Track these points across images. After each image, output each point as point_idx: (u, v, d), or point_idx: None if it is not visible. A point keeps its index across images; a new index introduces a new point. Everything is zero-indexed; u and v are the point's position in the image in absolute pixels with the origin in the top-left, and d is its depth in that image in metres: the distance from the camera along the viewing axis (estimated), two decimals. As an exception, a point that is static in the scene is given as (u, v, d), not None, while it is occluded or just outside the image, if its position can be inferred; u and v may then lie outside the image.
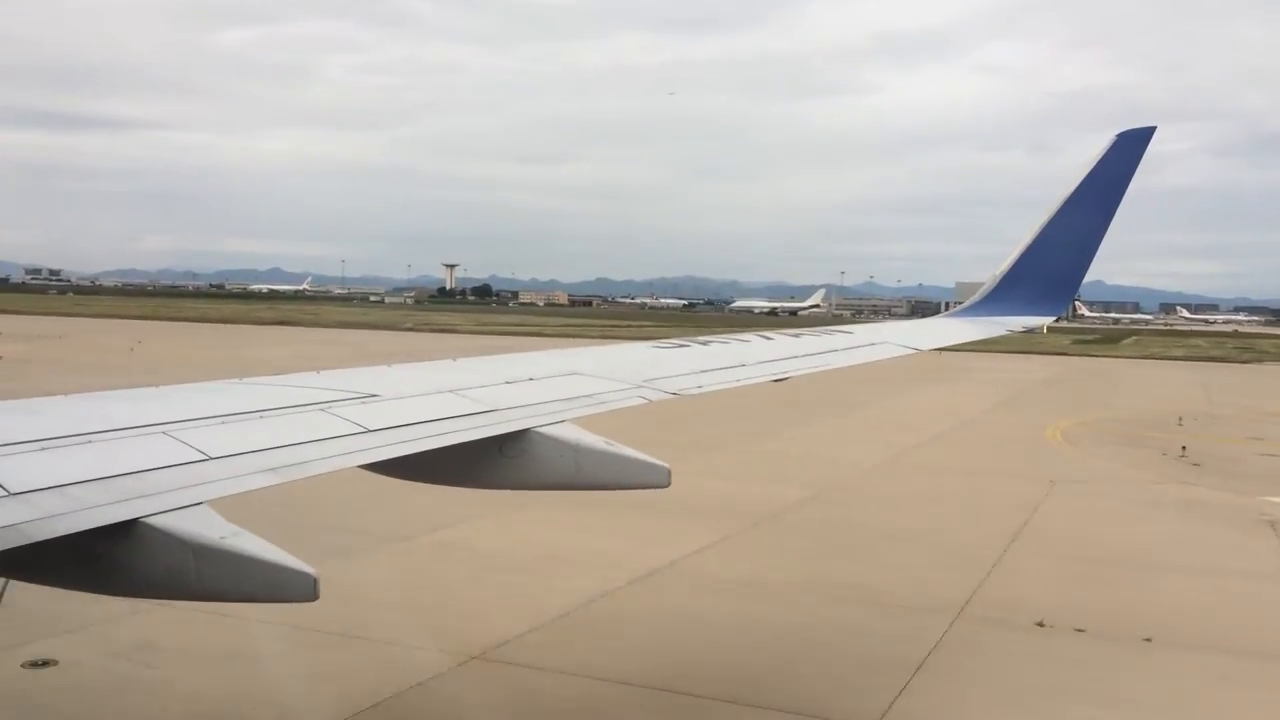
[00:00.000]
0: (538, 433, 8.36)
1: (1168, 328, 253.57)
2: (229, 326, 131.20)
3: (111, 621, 16.40)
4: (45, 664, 14.81)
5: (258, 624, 16.64)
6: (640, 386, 9.93)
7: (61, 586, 5.75)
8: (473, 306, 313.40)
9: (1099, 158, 15.37)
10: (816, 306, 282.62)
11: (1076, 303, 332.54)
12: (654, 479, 8.42)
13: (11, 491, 5.28)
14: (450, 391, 8.80)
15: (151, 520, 5.60)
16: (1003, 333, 16.12)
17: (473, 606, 18.61)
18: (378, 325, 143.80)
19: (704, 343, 12.47)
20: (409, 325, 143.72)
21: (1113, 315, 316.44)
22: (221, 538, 5.72)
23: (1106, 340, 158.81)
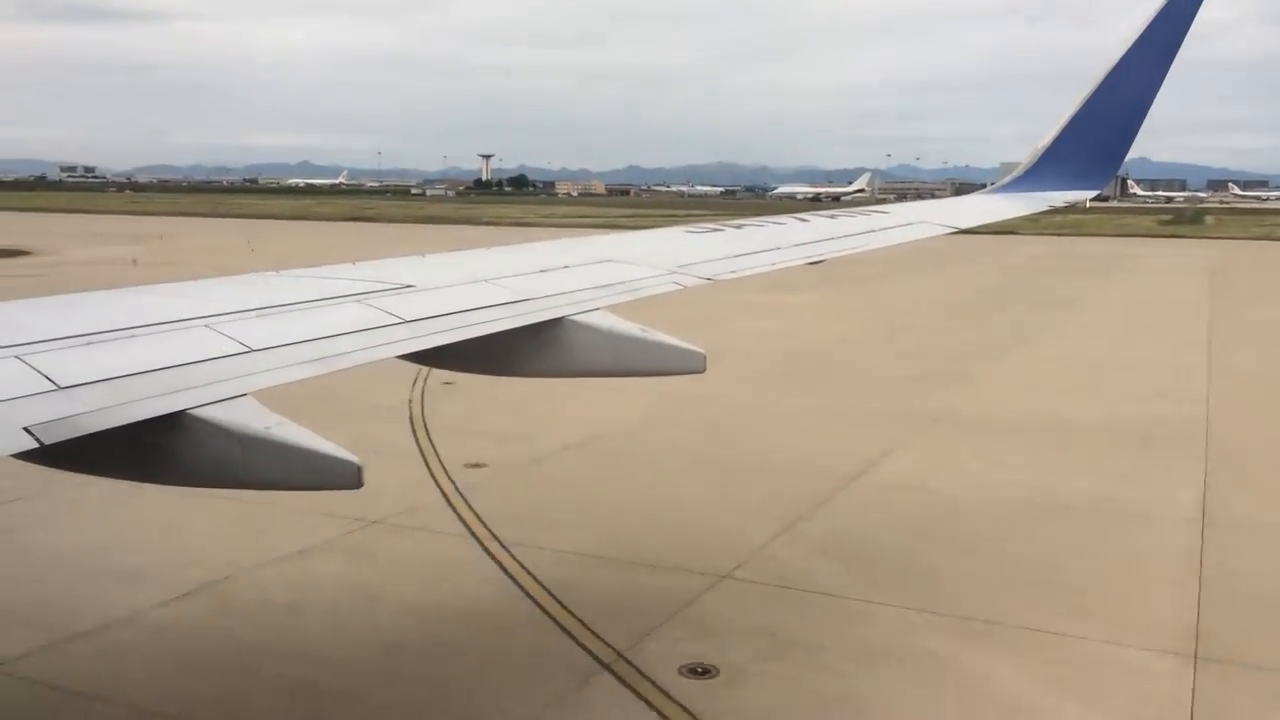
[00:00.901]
0: (572, 320, 8.41)
1: (1225, 205, 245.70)
2: (309, 224, 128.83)
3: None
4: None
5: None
6: (674, 272, 9.92)
7: (113, 477, 5.94)
8: (513, 197, 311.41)
9: (1148, 22, 14.77)
10: (861, 191, 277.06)
11: (1128, 180, 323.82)
12: (690, 364, 8.47)
13: (61, 385, 5.42)
14: (485, 281, 8.84)
15: (198, 411, 5.75)
16: (1044, 208, 15.79)
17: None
18: (453, 219, 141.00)
19: (738, 226, 12.36)
20: (486, 220, 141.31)
21: (1163, 193, 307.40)
22: (266, 428, 5.86)
23: (1189, 220, 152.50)
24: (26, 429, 4.97)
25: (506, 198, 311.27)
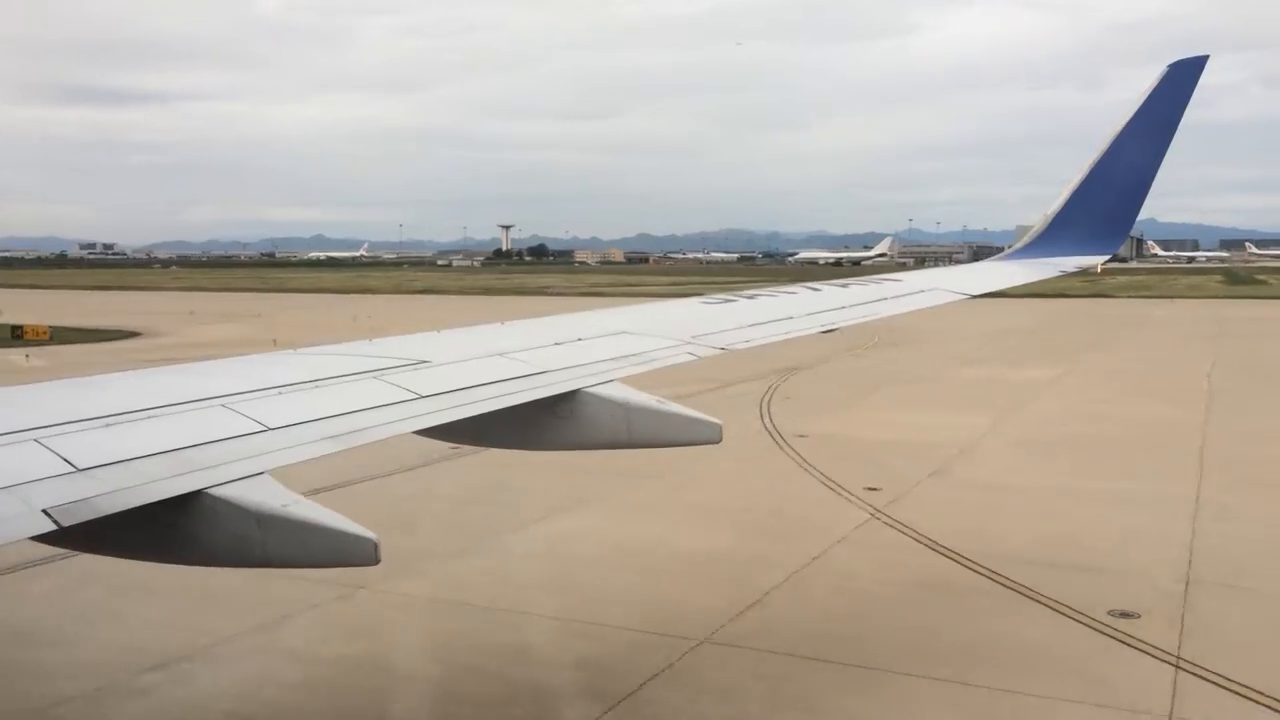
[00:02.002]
0: (588, 393, 8.44)
1: (1250, 264, 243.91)
2: (376, 297, 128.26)
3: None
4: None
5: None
6: (688, 343, 9.97)
7: (131, 557, 5.97)
8: (548, 266, 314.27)
9: (1150, 90, 14.94)
10: (883, 255, 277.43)
11: (1144, 241, 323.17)
12: (706, 435, 8.46)
13: (80, 467, 5.48)
14: (499, 355, 8.90)
15: (215, 491, 5.79)
16: (1056, 273, 15.83)
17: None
18: (502, 290, 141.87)
19: (750, 296, 12.44)
20: (534, 289, 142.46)
21: (1186, 254, 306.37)
22: (284, 505, 5.89)
23: (1244, 280, 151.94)
24: (45, 511, 5.02)
25: (537, 267, 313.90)
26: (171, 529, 5.77)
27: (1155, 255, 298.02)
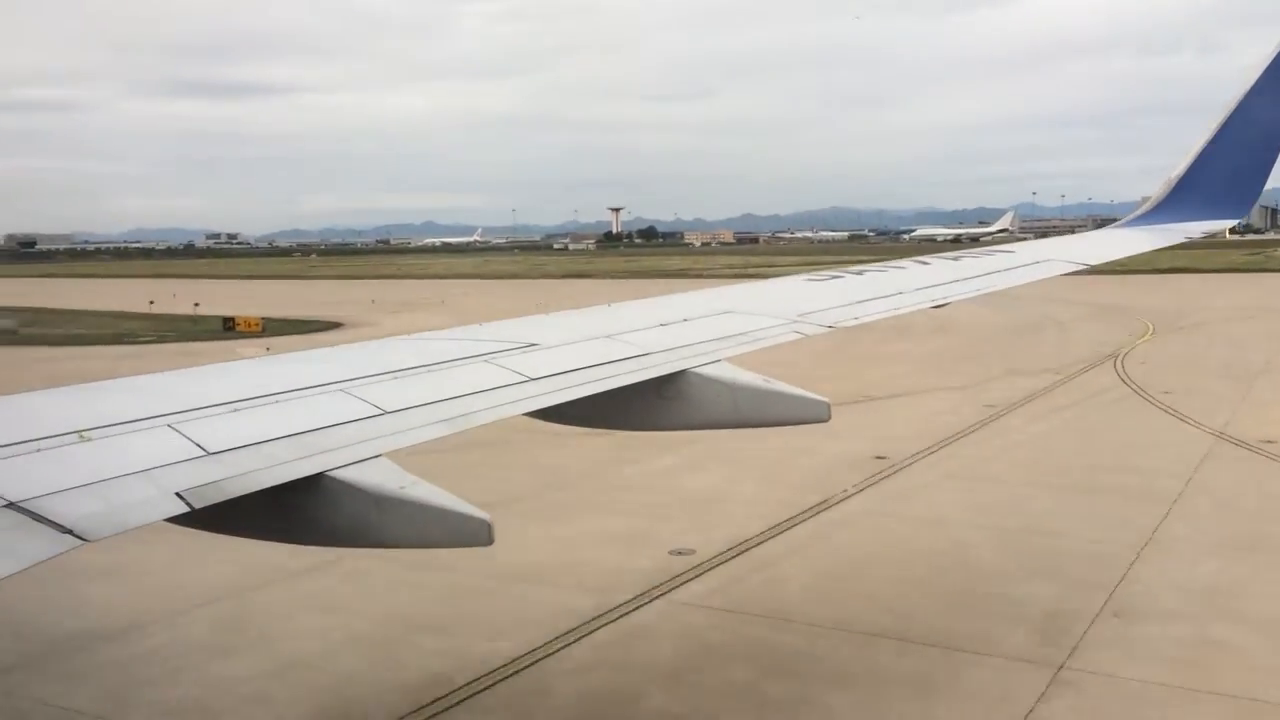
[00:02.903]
0: (694, 373, 8.45)
1: None
2: (545, 282, 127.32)
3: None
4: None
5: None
6: (795, 321, 9.89)
7: (255, 538, 6.25)
8: (646, 249, 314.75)
9: (1278, 48, 14.16)
10: (1004, 230, 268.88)
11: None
12: (814, 414, 8.40)
13: (210, 451, 5.77)
14: (606, 337, 8.99)
15: (335, 473, 6.02)
16: (1181, 239, 15.16)
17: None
18: (641, 273, 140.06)
19: (858, 273, 12.26)
20: (693, 272, 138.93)
21: None
22: (400, 487, 6.09)
23: None
24: (178, 494, 5.31)
25: (649, 248, 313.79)
26: (294, 510, 6.01)
27: None
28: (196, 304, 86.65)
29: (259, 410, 6.49)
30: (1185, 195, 15.28)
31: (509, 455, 26.75)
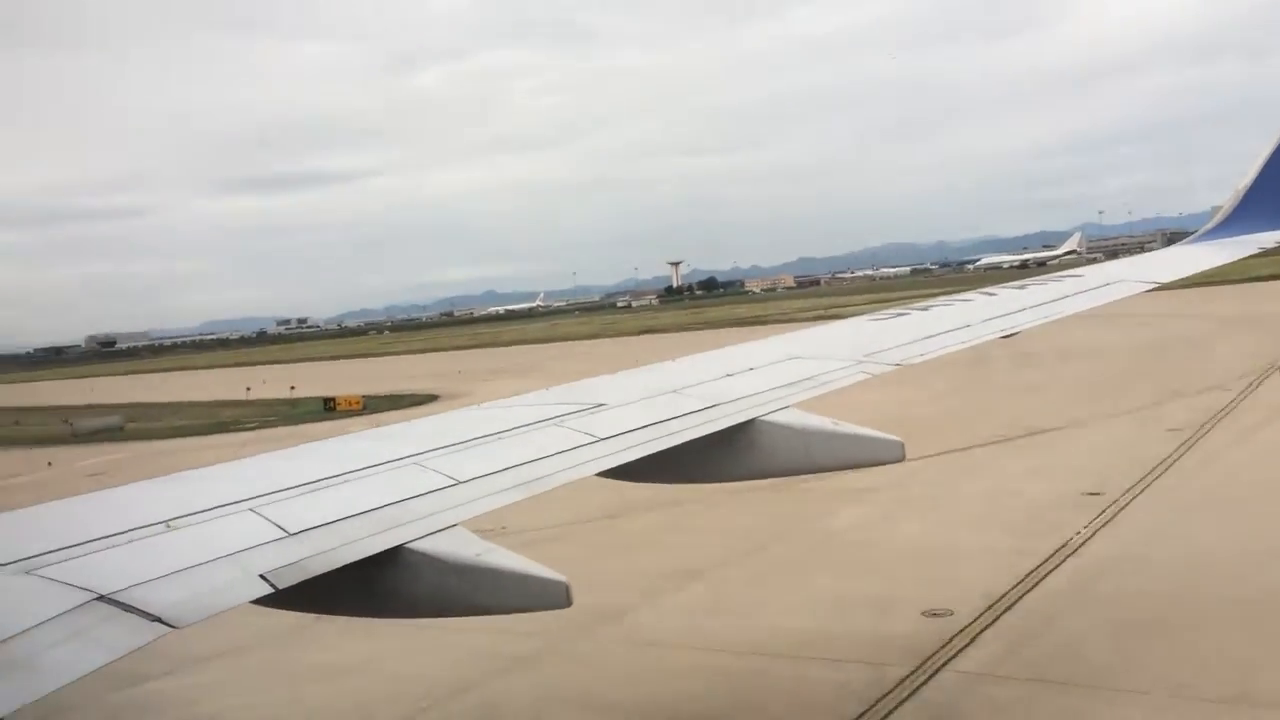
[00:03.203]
0: (763, 421, 8.42)
1: None
2: (625, 339, 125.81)
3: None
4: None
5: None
6: (861, 362, 9.82)
7: (340, 614, 6.33)
8: (709, 300, 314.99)
9: None
10: (1072, 252, 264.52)
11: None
12: (887, 454, 8.31)
13: (290, 532, 5.87)
14: (673, 392, 9.01)
15: (413, 545, 6.09)
16: (1254, 250, 14.76)
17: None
18: (716, 323, 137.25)
19: (924, 308, 12.14)
20: (769, 318, 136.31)
21: None
22: (477, 555, 6.15)
23: None
24: (262, 575, 5.40)
25: (714, 300, 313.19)
26: (376, 584, 6.08)
27: None
28: (293, 387, 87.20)
29: (336, 489, 6.61)
30: (1255, 204, 14.92)
31: (686, 520, 25.52)
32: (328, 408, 69.52)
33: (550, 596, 6.10)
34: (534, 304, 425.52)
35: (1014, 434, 32.76)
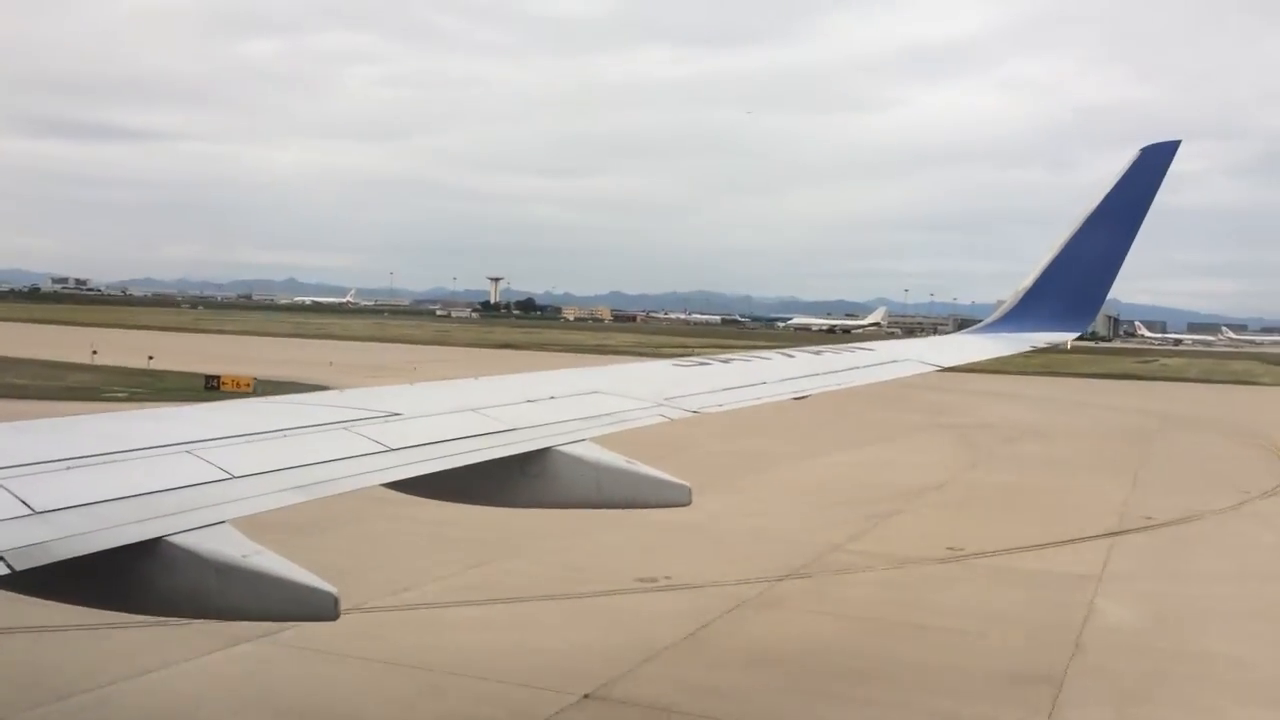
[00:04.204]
0: (559, 451, 8.43)
1: (1238, 349, 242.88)
2: (439, 348, 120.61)
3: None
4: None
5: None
6: (660, 405, 10.01)
7: (84, 605, 5.89)
8: (526, 321, 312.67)
9: (1123, 171, 15.32)
10: (876, 324, 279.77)
11: (1136, 323, 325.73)
12: (675, 497, 8.47)
13: (36, 510, 5.44)
14: (472, 410, 8.91)
15: (174, 539, 5.74)
16: (1026, 348, 16.05)
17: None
18: (559, 346, 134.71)
19: (725, 360, 12.53)
20: (598, 345, 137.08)
21: (1173, 335, 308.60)
22: (244, 556, 5.83)
23: None
24: None
25: (530, 321, 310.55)
26: (128, 577, 5.70)
27: (1141, 336, 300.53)
28: (150, 357, 75.74)
29: (95, 469, 6.17)
30: (1032, 306, 16.22)
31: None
32: (210, 387, 59.77)
33: (318, 607, 5.86)
34: (345, 299, 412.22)
35: (1130, 527, 31.65)
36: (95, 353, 78.75)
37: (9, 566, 4.97)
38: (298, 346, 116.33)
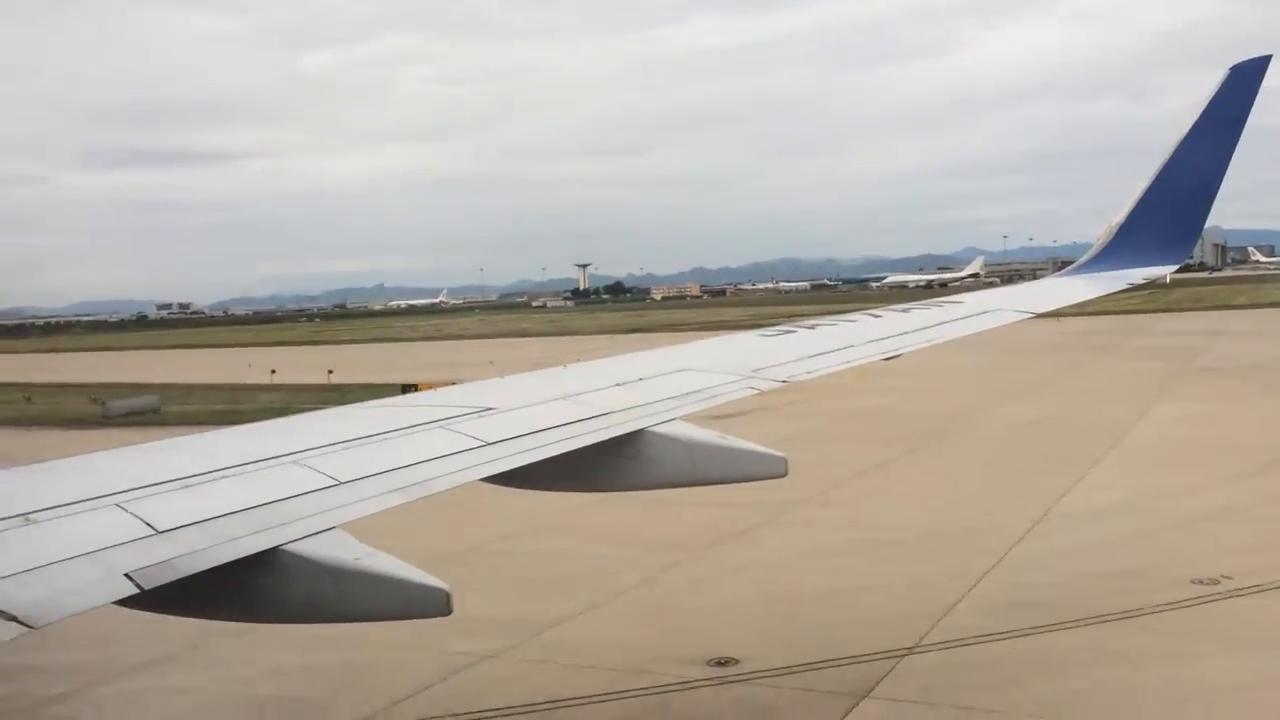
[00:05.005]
0: (652, 432, 8.50)
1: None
2: (557, 340, 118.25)
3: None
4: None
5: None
6: (749, 377, 10.00)
7: (210, 618, 6.16)
8: (616, 305, 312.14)
9: (1212, 94, 14.65)
10: (975, 275, 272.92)
11: (1250, 249, 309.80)
12: (771, 469, 8.47)
13: (159, 530, 5.70)
14: (563, 398, 9.03)
15: (290, 547, 5.97)
16: (1124, 286, 15.50)
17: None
18: (656, 327, 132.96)
19: (811, 327, 12.44)
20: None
21: None
22: (356, 559, 6.05)
23: None
24: (128, 575, 5.25)
25: (621, 305, 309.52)
26: (249, 587, 5.94)
27: (1256, 262, 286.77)
28: (330, 371, 76.11)
29: (209, 485, 6.43)
30: (1127, 242, 15.65)
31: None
32: (407, 393, 60.86)
33: (431, 604, 6.03)
34: (437, 299, 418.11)
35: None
36: (274, 372, 78.70)
37: (138, 586, 5.23)
38: (440, 350, 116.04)
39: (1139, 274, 15.60)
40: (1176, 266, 16.22)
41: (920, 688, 15.29)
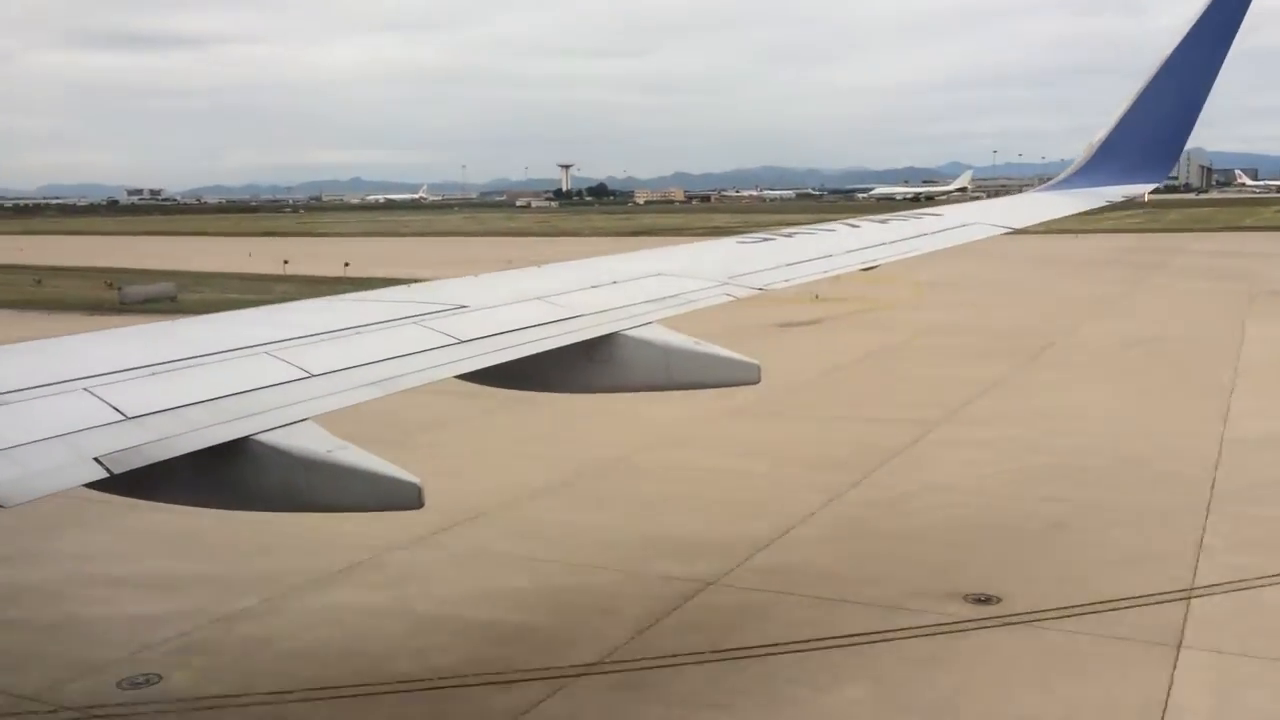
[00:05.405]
0: (625, 335, 8.52)
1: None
2: (548, 240, 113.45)
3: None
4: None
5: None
6: (725, 284, 10.00)
7: (180, 504, 6.23)
8: (602, 206, 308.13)
9: (1199, 14, 14.49)
10: (962, 189, 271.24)
11: (1237, 171, 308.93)
12: (745, 376, 8.53)
13: (129, 415, 5.73)
14: (537, 299, 9.02)
15: (261, 437, 6.01)
16: (1102, 203, 15.52)
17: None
18: (662, 229, 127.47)
19: (789, 235, 12.40)
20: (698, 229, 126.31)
21: (1274, 182, 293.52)
22: (328, 451, 6.09)
23: None
24: (97, 459, 5.29)
25: (605, 207, 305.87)
26: (219, 475, 6.00)
27: (1241, 184, 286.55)
28: (346, 264, 73.27)
29: (181, 373, 6.44)
30: (1107, 159, 15.61)
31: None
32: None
33: (401, 497, 6.09)
34: (417, 195, 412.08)
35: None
36: (286, 263, 76.32)
37: (107, 470, 5.28)
38: (446, 245, 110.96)
39: (1117, 191, 15.60)
40: (1155, 185, 16.21)
41: (1236, 635, 13.25)
